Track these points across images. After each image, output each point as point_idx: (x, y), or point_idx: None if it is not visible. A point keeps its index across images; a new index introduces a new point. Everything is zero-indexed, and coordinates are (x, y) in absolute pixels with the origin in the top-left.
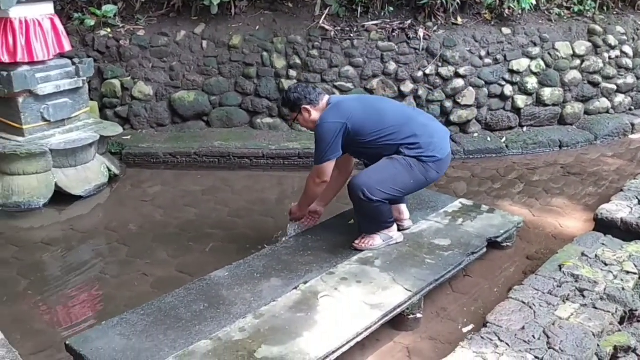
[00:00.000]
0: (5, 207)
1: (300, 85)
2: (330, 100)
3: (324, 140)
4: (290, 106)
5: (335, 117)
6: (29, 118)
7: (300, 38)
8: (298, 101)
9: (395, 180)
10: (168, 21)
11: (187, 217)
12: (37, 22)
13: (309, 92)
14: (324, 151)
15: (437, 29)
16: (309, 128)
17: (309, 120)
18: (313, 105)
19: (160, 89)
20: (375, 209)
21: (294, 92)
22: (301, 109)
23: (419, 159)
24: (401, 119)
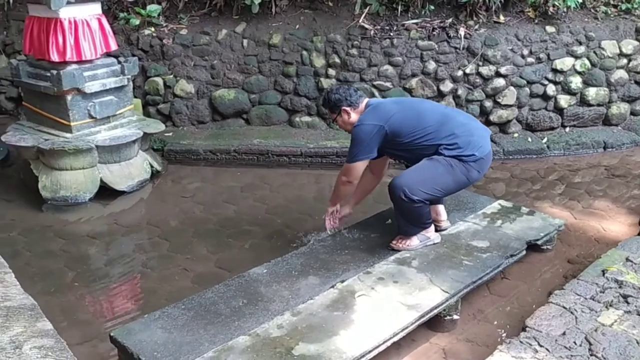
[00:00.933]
0: (53, 201)
1: (342, 86)
2: (369, 103)
3: (358, 141)
4: (330, 107)
5: (372, 120)
6: (76, 115)
7: (339, 37)
8: (338, 102)
9: (436, 180)
10: (210, 20)
11: (226, 214)
12: (86, 22)
13: (349, 94)
14: (356, 151)
15: (478, 28)
16: (346, 130)
17: (347, 122)
18: (353, 107)
19: (202, 86)
20: (416, 209)
21: (335, 94)
22: (341, 110)
23: (459, 159)
24: (440, 119)
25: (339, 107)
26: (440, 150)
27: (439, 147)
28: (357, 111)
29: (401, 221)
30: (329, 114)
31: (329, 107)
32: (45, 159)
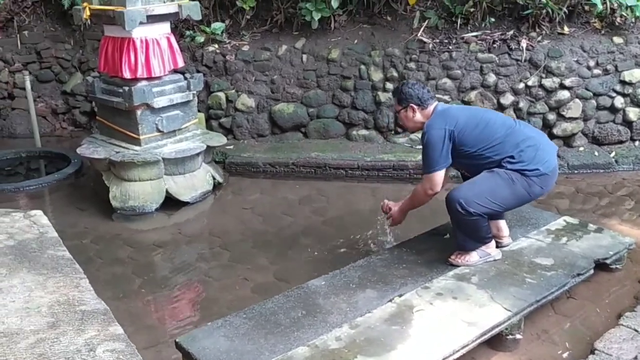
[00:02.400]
0: (122, 211)
1: (418, 83)
2: (437, 107)
3: (434, 148)
4: (399, 98)
5: (442, 124)
6: (145, 129)
7: (397, 51)
8: (409, 97)
9: (495, 194)
10: (271, 36)
11: (284, 225)
12: (156, 41)
13: (422, 93)
14: (434, 159)
15: (541, 39)
16: (407, 127)
17: (410, 119)
18: (421, 107)
19: (262, 101)
20: (473, 223)
21: (410, 88)
22: (409, 105)
23: (521, 173)
24: (506, 131)
25: (407, 102)
26: (503, 163)
27: (503, 159)
28: (423, 112)
29: (459, 235)
30: (395, 105)
31: (398, 99)
32: (115, 171)
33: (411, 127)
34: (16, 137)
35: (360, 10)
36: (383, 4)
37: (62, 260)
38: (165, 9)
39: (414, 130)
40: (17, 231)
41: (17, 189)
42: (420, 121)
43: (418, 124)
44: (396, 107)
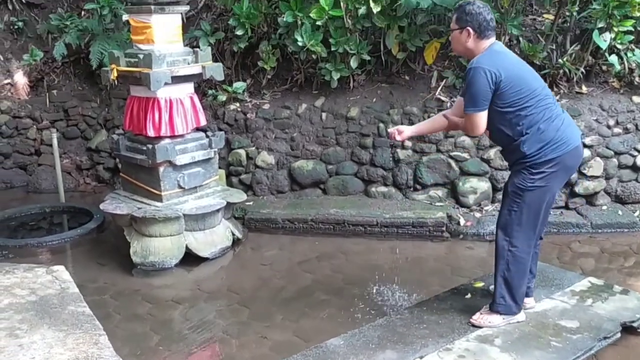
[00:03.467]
0: (142, 266)
1: (486, 6)
2: (494, 46)
3: (478, 88)
4: (458, 17)
5: (493, 66)
6: (167, 185)
7: (416, 109)
8: (470, 19)
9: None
10: (291, 95)
11: (303, 283)
12: (180, 100)
13: (484, 21)
14: (477, 99)
15: (559, 98)
16: (456, 50)
17: (462, 42)
18: (478, 35)
19: (282, 158)
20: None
21: (474, 8)
22: (466, 27)
23: (540, 171)
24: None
25: (466, 23)
26: (522, 138)
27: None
28: (478, 42)
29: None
30: (452, 22)
31: (457, 17)
32: (137, 226)
33: (459, 51)
34: (41, 192)
35: (379, 69)
36: (401, 64)
37: (83, 317)
38: (189, 70)
39: (460, 54)
40: (39, 287)
41: (40, 243)
42: (470, 49)
43: (467, 51)
44: (452, 25)
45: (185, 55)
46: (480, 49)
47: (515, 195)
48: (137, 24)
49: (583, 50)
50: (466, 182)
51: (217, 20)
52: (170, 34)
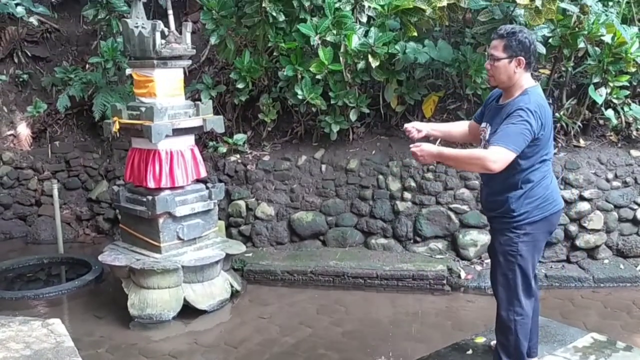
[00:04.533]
0: (139, 319)
1: (535, 39)
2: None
3: (525, 130)
4: (509, 43)
5: (542, 116)
6: (166, 237)
7: (415, 162)
8: (523, 48)
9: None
10: (291, 147)
11: (302, 336)
12: (180, 152)
13: (535, 52)
14: (519, 138)
15: (557, 152)
16: (498, 80)
17: (510, 73)
18: (527, 66)
19: (281, 209)
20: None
21: (528, 37)
22: (517, 57)
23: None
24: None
25: (519, 52)
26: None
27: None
28: (524, 74)
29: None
30: (495, 49)
31: (506, 45)
32: (135, 278)
33: (502, 81)
34: (40, 243)
35: (378, 122)
36: (400, 117)
37: None
38: (190, 122)
39: (499, 84)
40: (34, 340)
41: (37, 295)
42: (516, 82)
43: (510, 82)
44: (496, 52)
45: (186, 108)
46: (523, 81)
47: (508, 261)
48: (139, 77)
49: (580, 104)
50: (466, 234)
51: (219, 74)
52: (172, 87)
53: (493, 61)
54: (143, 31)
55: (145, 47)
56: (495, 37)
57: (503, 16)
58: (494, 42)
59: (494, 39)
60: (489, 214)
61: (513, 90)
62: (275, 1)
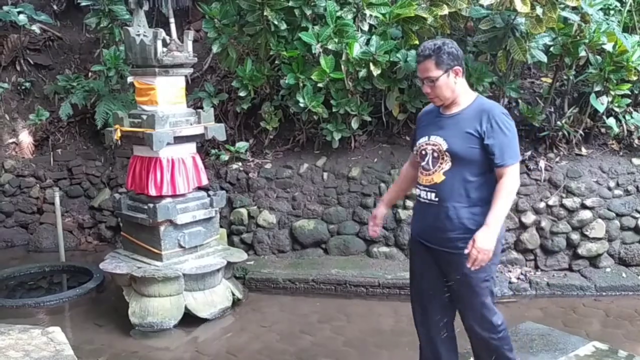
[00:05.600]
0: (140, 327)
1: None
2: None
3: (515, 135)
4: (439, 60)
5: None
6: (167, 244)
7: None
8: (456, 58)
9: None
10: (292, 155)
11: (303, 345)
12: (182, 160)
13: (462, 56)
14: (517, 146)
15: (559, 160)
16: (443, 97)
17: (452, 86)
18: (463, 73)
19: (283, 217)
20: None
21: (452, 47)
22: (453, 68)
23: None
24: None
25: (452, 64)
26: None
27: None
28: (463, 81)
29: None
30: (426, 71)
31: (437, 60)
32: (136, 286)
33: (446, 97)
34: (42, 251)
35: (380, 130)
36: (402, 125)
37: None
38: (192, 130)
39: (445, 101)
40: (33, 349)
41: (38, 303)
42: (458, 91)
43: (453, 95)
44: (431, 74)
45: (188, 116)
46: (465, 87)
47: (482, 288)
48: (141, 85)
49: (581, 112)
50: None
51: (221, 82)
52: (173, 95)
53: (432, 83)
54: (145, 39)
55: (146, 55)
56: (422, 59)
57: (504, 25)
58: (422, 65)
59: (420, 62)
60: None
61: (462, 98)
62: (277, 10)
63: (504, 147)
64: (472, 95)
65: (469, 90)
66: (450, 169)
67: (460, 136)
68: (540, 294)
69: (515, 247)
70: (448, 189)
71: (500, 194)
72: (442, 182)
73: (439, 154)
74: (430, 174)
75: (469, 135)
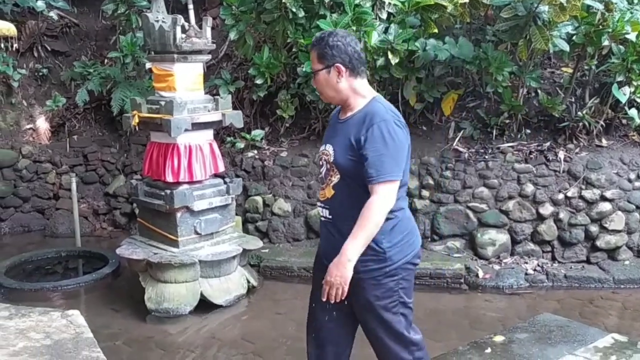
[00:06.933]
0: (156, 312)
1: (352, 37)
2: (379, 98)
3: (398, 147)
4: (321, 52)
5: (400, 119)
6: (183, 231)
7: (433, 159)
8: (338, 53)
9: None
10: (308, 143)
11: None
12: (199, 146)
13: (355, 53)
14: (397, 160)
15: (579, 151)
16: (324, 95)
17: (332, 84)
18: (351, 71)
19: (298, 205)
20: None
21: (339, 41)
22: (334, 65)
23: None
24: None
25: (334, 60)
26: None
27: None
28: (352, 82)
29: None
30: (314, 62)
31: (319, 52)
32: (152, 272)
33: (329, 97)
34: (58, 236)
35: None
36: (418, 115)
37: None
38: (209, 117)
39: (329, 100)
40: (54, 330)
41: (56, 287)
42: (345, 92)
43: (338, 95)
44: (314, 65)
45: (205, 102)
46: (361, 90)
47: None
48: (159, 72)
49: (602, 103)
50: (485, 233)
51: (237, 70)
52: (191, 82)
53: (314, 75)
54: (164, 25)
55: (165, 41)
56: (310, 48)
57: (526, 13)
58: (311, 54)
59: (310, 51)
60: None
61: (354, 102)
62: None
63: (377, 160)
64: (366, 99)
65: (367, 93)
66: (338, 182)
67: (344, 145)
68: (557, 286)
69: (532, 238)
70: (338, 205)
71: (362, 218)
72: (333, 197)
73: (330, 165)
74: (324, 188)
75: (350, 144)
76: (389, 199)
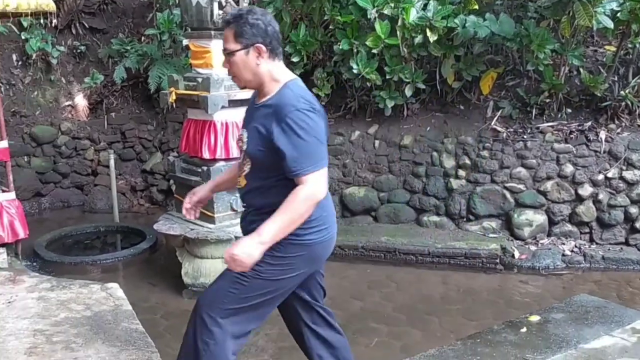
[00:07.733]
0: (193, 287)
1: (271, 16)
2: (298, 81)
3: (320, 134)
4: (239, 30)
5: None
6: (220, 207)
7: (470, 139)
8: (258, 32)
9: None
10: (344, 122)
11: (352, 310)
12: (235, 123)
13: (275, 33)
14: (322, 150)
15: (620, 131)
16: (240, 79)
17: (252, 67)
18: (271, 54)
19: (334, 184)
20: None
21: (259, 19)
22: (254, 45)
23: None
24: None
25: (254, 39)
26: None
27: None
28: (271, 64)
29: None
30: (228, 42)
31: (237, 30)
32: (189, 247)
33: (247, 81)
34: (96, 212)
35: (434, 99)
36: (456, 93)
37: (136, 334)
38: (246, 94)
39: (246, 84)
40: (94, 302)
41: (95, 261)
42: (262, 76)
43: (256, 79)
44: (228, 45)
45: None
46: (277, 74)
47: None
48: (197, 48)
49: None
50: (522, 214)
51: None
52: None
53: (229, 57)
54: (201, 1)
55: (202, 18)
56: (223, 25)
57: None
58: (224, 33)
59: (223, 29)
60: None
61: (269, 86)
62: None
63: (297, 153)
64: (280, 84)
65: (282, 77)
66: (249, 172)
67: (255, 135)
68: (594, 267)
69: (570, 219)
70: (251, 196)
71: (286, 203)
72: (245, 187)
73: (244, 153)
74: (239, 176)
75: (260, 135)
76: (318, 188)
